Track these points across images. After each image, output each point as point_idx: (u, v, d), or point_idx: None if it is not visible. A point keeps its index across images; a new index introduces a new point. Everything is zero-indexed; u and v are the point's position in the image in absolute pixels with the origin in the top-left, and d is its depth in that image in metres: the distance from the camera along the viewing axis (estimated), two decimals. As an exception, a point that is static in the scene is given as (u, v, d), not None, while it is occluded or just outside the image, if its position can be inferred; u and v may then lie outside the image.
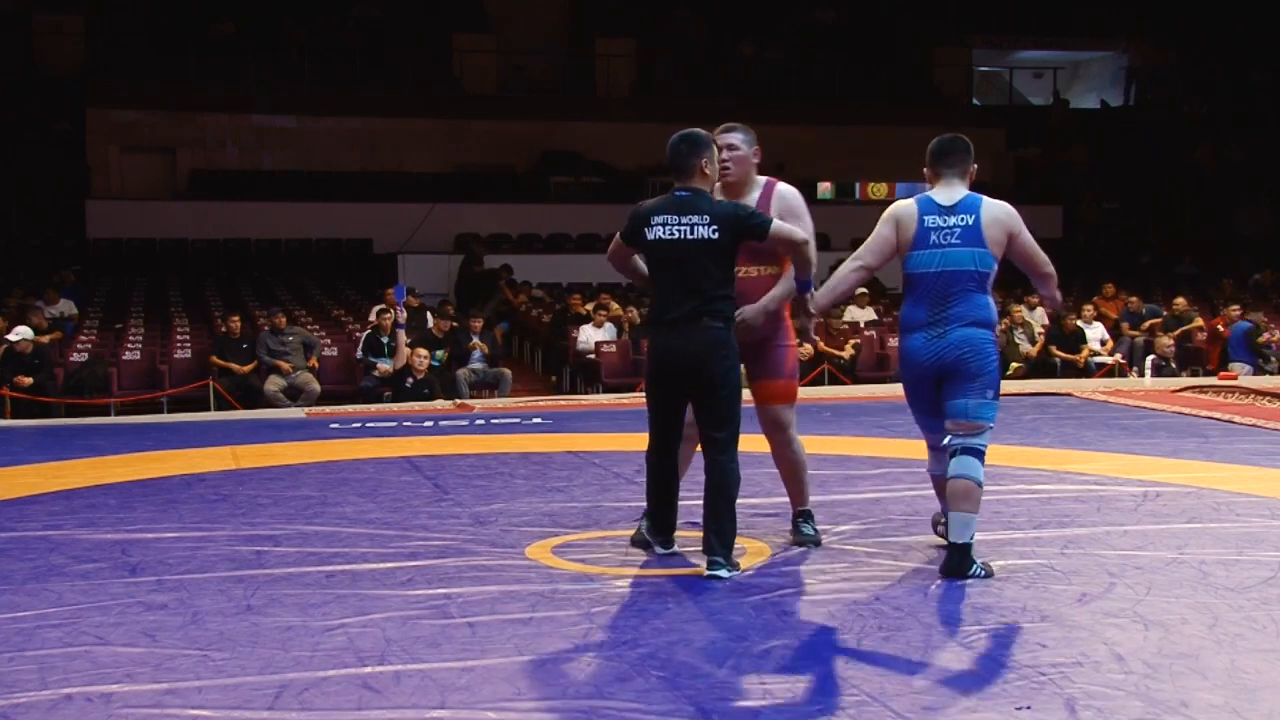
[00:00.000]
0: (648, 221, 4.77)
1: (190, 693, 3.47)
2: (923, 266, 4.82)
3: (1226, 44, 26.05)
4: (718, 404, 4.75)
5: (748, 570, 4.79)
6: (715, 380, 4.71)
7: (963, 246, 4.78)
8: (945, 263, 4.79)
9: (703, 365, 4.70)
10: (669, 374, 4.78)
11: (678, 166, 4.81)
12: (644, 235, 4.77)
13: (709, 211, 4.74)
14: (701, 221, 4.71)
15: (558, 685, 3.53)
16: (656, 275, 4.83)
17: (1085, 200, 23.41)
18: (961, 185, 4.89)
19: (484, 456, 7.53)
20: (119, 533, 5.49)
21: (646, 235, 4.77)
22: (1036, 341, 14.27)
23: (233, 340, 12.70)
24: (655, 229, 4.75)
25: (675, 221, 4.72)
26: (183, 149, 20.99)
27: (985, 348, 4.79)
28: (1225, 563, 4.85)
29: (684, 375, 4.75)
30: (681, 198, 4.76)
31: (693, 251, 4.70)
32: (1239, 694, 3.44)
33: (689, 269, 4.71)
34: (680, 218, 4.72)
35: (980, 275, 4.81)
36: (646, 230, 4.76)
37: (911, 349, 4.86)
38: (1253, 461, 7.32)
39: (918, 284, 4.84)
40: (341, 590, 4.54)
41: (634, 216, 4.83)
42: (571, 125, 21.74)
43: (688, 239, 4.70)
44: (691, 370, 4.72)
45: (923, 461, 5.29)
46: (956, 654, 3.79)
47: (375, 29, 22.50)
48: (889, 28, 25.58)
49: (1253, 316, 14.81)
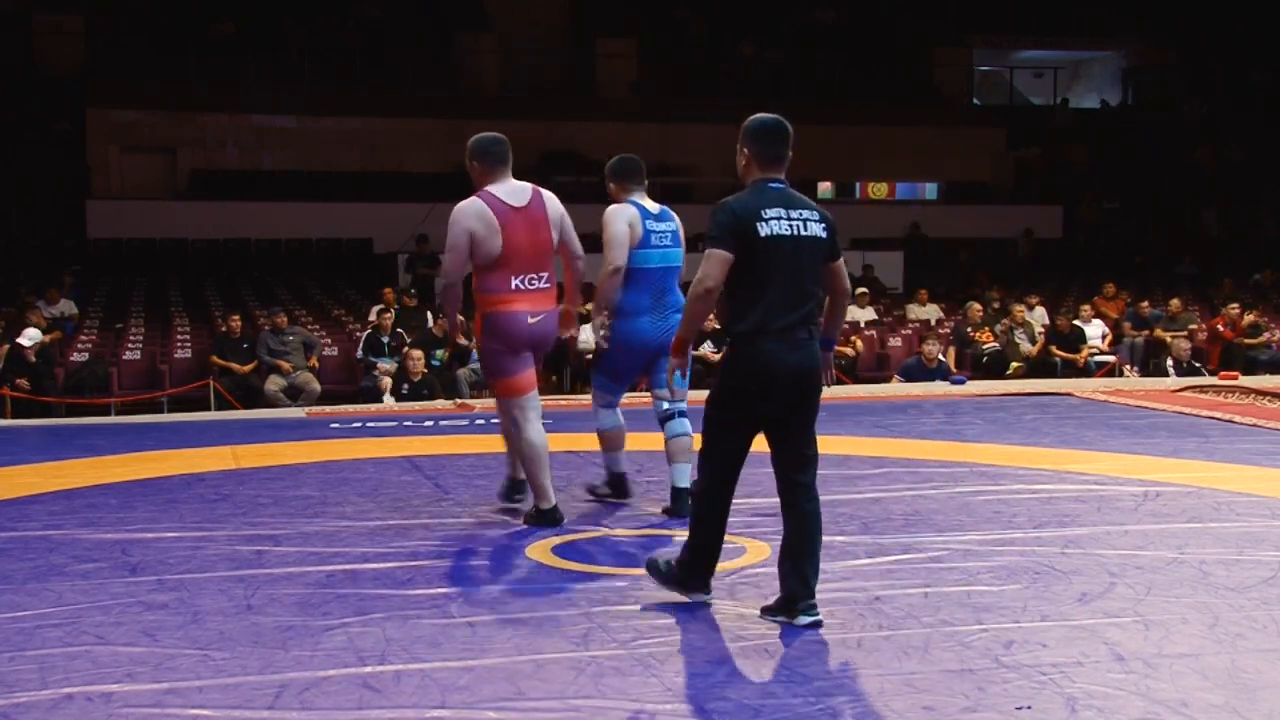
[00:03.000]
0: (759, 216, 4.09)
1: (191, 692, 3.48)
2: (648, 262, 5.75)
3: (1226, 44, 26.06)
4: (811, 423, 4.24)
5: (747, 570, 4.79)
6: (816, 397, 4.22)
7: (673, 247, 5.85)
8: (664, 260, 5.80)
9: (811, 380, 4.18)
10: (773, 390, 4.12)
11: (775, 156, 4.21)
12: (756, 232, 4.07)
13: (815, 209, 4.23)
14: (812, 217, 4.19)
15: (558, 685, 3.53)
16: (757, 278, 4.10)
17: (1085, 200, 23.41)
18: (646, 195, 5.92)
19: (484, 456, 7.52)
20: (119, 532, 5.49)
21: (759, 232, 4.07)
22: (1036, 341, 14.27)
23: (233, 340, 12.70)
24: (770, 224, 4.09)
25: (787, 216, 4.12)
26: (183, 149, 20.99)
27: None
28: (1226, 562, 4.85)
29: (790, 391, 4.14)
30: (784, 191, 4.20)
31: (805, 251, 4.15)
32: (1239, 694, 3.44)
33: (801, 271, 4.14)
34: (789, 212, 4.14)
35: (679, 270, 5.90)
36: (759, 226, 4.07)
37: (639, 330, 5.75)
38: (1253, 461, 7.32)
39: (643, 277, 5.74)
40: (341, 590, 4.54)
41: (735, 214, 4.10)
42: (571, 125, 21.73)
43: (801, 235, 4.13)
44: (799, 386, 4.15)
45: (923, 461, 5.31)
46: (956, 654, 3.79)
47: (375, 29, 22.50)
48: (889, 28, 25.58)
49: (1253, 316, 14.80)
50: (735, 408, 4.19)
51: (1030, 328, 14.46)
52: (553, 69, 23.54)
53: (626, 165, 5.93)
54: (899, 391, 11.55)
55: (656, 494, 6.26)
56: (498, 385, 5.72)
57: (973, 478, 6.71)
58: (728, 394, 4.20)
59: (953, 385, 11.80)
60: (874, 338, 14.70)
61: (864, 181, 22.06)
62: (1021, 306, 14.91)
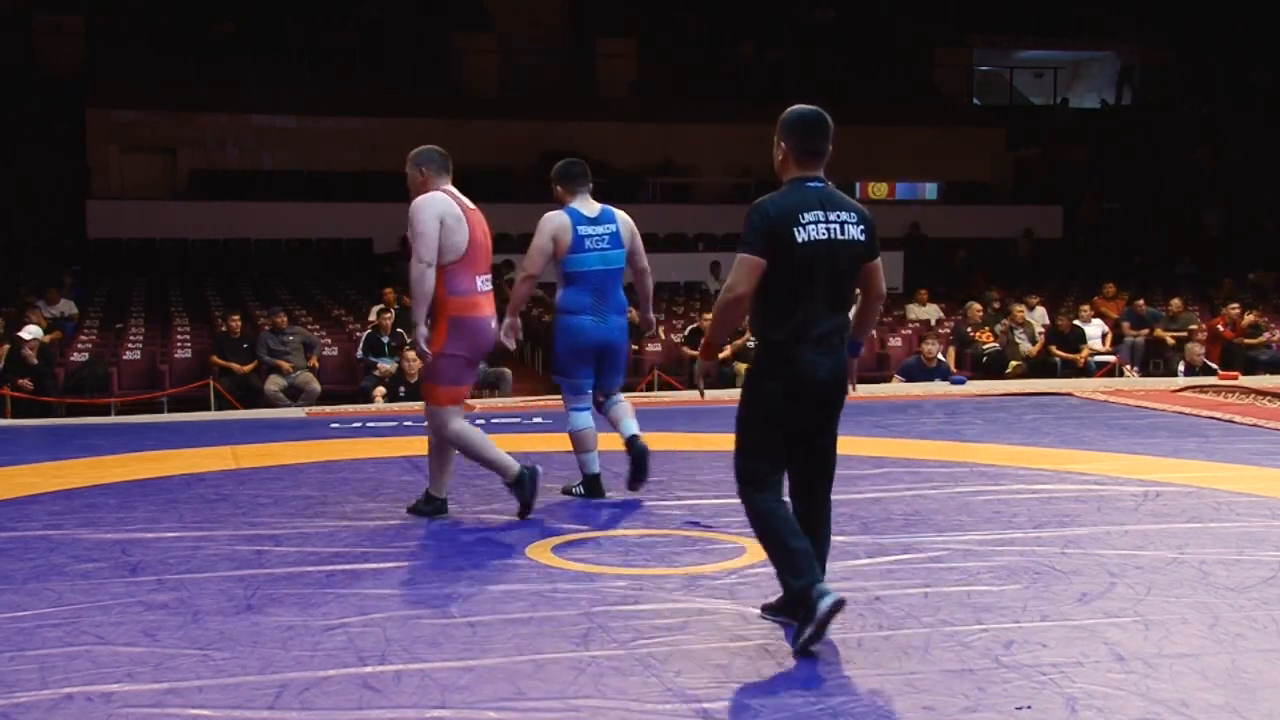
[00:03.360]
0: (796, 220, 3.84)
1: (191, 692, 3.47)
2: (585, 265, 6.03)
3: (1226, 44, 26.06)
4: (835, 428, 4.09)
5: (747, 570, 4.79)
6: (843, 402, 4.05)
7: (611, 249, 6.08)
8: (604, 262, 6.06)
9: (843, 386, 4.02)
10: (809, 400, 3.93)
11: (814, 150, 3.96)
12: (793, 237, 3.82)
13: (854, 209, 3.98)
14: (850, 219, 3.93)
15: (558, 685, 3.53)
16: (794, 285, 3.86)
17: (1085, 200, 23.42)
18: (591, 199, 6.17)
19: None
20: (119, 532, 5.49)
21: (797, 237, 3.82)
22: (1036, 341, 14.27)
23: (233, 340, 12.71)
24: (807, 228, 3.84)
25: (825, 219, 3.88)
26: (183, 149, 21.00)
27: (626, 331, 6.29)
28: (1226, 562, 4.85)
29: (826, 401, 3.97)
30: (822, 190, 3.94)
31: (843, 255, 3.90)
32: (1239, 694, 3.44)
33: (840, 276, 3.92)
34: (827, 213, 3.89)
35: (622, 271, 6.18)
36: (797, 230, 3.83)
37: (582, 327, 6.06)
38: (1253, 461, 7.32)
39: (582, 279, 6.04)
40: (341, 590, 4.54)
41: (769, 217, 3.85)
42: (571, 125, 21.74)
43: (838, 239, 3.89)
44: (834, 394, 3.98)
45: (923, 461, 5.31)
46: (956, 654, 3.79)
47: (375, 29, 22.51)
48: (889, 28, 25.59)
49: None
50: (772, 418, 3.95)
51: (1030, 328, 14.47)
52: (553, 69, 23.55)
53: (572, 169, 6.20)
54: (899, 391, 11.55)
55: (655, 493, 6.27)
56: (445, 393, 5.59)
57: (973, 478, 6.71)
58: (763, 404, 3.96)
59: (953, 385, 11.80)
60: (874, 337, 14.69)
61: (864, 181, 22.06)
62: (1021, 306, 14.91)
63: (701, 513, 5.82)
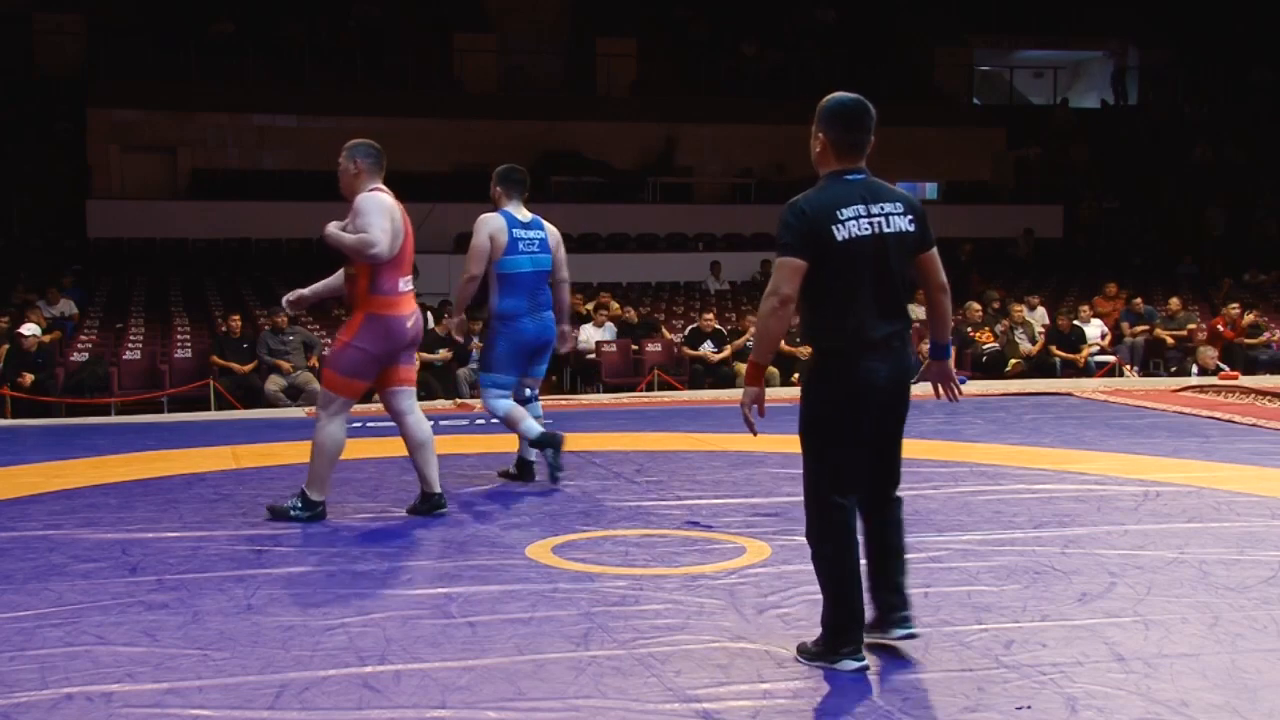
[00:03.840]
0: (834, 217, 3.59)
1: (191, 692, 3.48)
2: (520, 268, 6.39)
3: (1226, 44, 26.05)
4: (901, 433, 3.83)
5: (747, 570, 4.79)
6: (907, 407, 3.81)
7: (541, 253, 6.47)
8: (536, 265, 6.44)
9: (907, 391, 3.78)
10: (873, 409, 3.67)
11: (855, 142, 3.72)
12: (832, 236, 3.57)
13: (901, 198, 3.73)
14: (896, 210, 3.68)
15: (558, 685, 3.53)
16: (841, 286, 3.62)
17: (1085, 200, 23.40)
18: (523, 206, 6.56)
19: (484, 456, 7.53)
20: (119, 532, 5.49)
21: (836, 236, 3.58)
22: (1036, 341, 14.27)
23: (233, 340, 12.70)
24: (847, 225, 3.60)
25: (867, 213, 3.63)
26: (183, 149, 20.98)
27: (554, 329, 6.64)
28: (1226, 562, 4.86)
29: (889, 407, 3.72)
30: (865, 182, 3.70)
31: (892, 249, 3.66)
32: (1239, 693, 3.44)
33: (891, 272, 3.67)
34: (869, 206, 3.64)
35: (549, 274, 6.53)
36: (836, 229, 3.58)
37: (522, 330, 6.46)
38: (1253, 461, 7.32)
39: (518, 280, 6.39)
40: (341, 590, 4.54)
41: (805, 216, 3.60)
42: (571, 125, 21.73)
43: (884, 232, 3.64)
44: (896, 401, 3.74)
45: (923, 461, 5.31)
46: (956, 654, 3.79)
47: (375, 29, 22.50)
48: (889, 28, 25.56)
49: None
50: (840, 429, 3.65)
51: (1030, 327, 14.46)
52: (553, 69, 23.54)
53: (514, 175, 6.66)
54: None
55: (656, 494, 6.27)
56: (346, 385, 5.67)
57: (973, 478, 6.72)
58: (826, 416, 3.66)
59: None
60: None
61: (864, 181, 22.01)
62: (1021, 306, 14.91)
63: (701, 513, 5.82)
